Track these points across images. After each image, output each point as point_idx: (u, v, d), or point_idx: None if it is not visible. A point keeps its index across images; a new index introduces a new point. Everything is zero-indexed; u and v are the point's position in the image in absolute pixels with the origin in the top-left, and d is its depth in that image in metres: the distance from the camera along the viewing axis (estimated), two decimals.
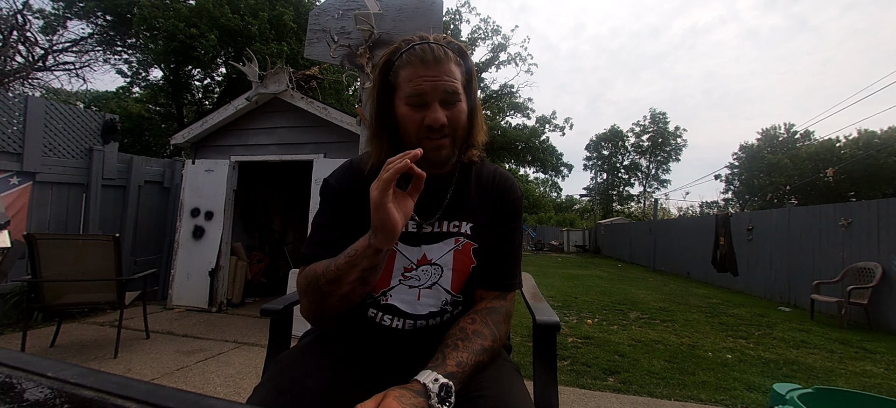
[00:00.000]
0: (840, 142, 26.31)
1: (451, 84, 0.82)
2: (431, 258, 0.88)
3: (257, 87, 4.46)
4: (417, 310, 0.87)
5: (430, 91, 0.80)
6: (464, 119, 0.85)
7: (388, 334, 0.87)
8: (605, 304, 5.95)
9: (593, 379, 2.85)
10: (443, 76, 0.81)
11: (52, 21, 12.60)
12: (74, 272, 3.03)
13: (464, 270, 0.89)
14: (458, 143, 0.88)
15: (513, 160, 23.67)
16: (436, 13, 3.57)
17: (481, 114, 0.93)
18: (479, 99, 0.95)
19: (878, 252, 5.34)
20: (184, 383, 2.57)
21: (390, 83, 0.85)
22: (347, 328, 0.92)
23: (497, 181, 0.95)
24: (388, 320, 0.87)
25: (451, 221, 0.90)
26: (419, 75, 0.81)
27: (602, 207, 37.95)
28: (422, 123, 0.81)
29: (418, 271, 0.88)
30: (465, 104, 0.85)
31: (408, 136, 0.84)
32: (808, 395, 1.81)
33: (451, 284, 0.88)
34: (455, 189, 0.92)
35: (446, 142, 0.84)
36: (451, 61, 0.83)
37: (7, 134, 3.91)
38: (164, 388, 0.31)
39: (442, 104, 0.82)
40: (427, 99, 0.81)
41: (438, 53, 0.82)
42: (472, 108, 0.88)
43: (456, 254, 0.88)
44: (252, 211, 6.05)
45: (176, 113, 14.62)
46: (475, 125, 0.90)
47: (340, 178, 0.93)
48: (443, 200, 0.90)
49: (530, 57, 25.35)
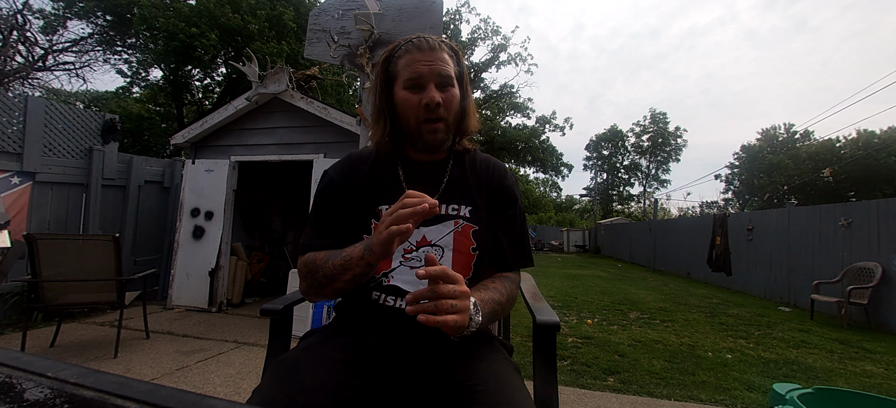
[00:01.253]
0: (840, 142, 26.30)
1: (444, 68, 0.90)
2: (431, 239, 0.92)
3: (257, 87, 4.46)
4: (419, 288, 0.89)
5: (426, 74, 0.89)
6: (456, 104, 0.93)
7: (391, 315, 0.89)
8: (605, 304, 5.95)
9: (593, 379, 2.85)
10: (438, 61, 0.90)
11: (52, 21, 12.58)
12: (74, 272, 3.03)
13: (465, 252, 0.92)
14: (452, 128, 0.94)
15: (513, 160, 23.65)
16: (436, 13, 3.57)
17: (473, 105, 1.01)
18: (472, 96, 1.02)
19: (878, 252, 5.34)
20: (184, 383, 2.57)
21: (390, 74, 0.94)
22: (348, 326, 0.94)
23: (490, 169, 1.01)
24: (392, 301, 0.89)
25: (450, 204, 0.94)
26: (416, 60, 0.89)
27: (602, 207, 37.94)
28: (420, 104, 0.89)
29: (419, 252, 0.91)
30: (457, 91, 0.93)
31: (406, 119, 0.92)
32: (808, 395, 1.81)
33: (452, 264, 0.91)
34: (451, 174, 0.97)
35: (441, 126, 0.91)
36: (445, 51, 0.92)
37: (7, 134, 3.91)
38: (164, 388, 0.31)
39: (437, 87, 0.89)
40: (424, 81, 0.89)
41: (433, 43, 0.91)
42: (464, 98, 0.95)
43: (456, 235, 0.92)
44: (252, 211, 6.05)
45: (176, 113, 14.61)
46: (467, 113, 0.97)
47: (340, 171, 0.99)
48: (440, 184, 0.95)
49: (530, 57, 25.34)
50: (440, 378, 0.80)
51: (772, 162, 27.58)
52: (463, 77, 0.96)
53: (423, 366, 0.83)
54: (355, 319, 0.94)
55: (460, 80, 0.95)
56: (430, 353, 0.85)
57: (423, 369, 0.82)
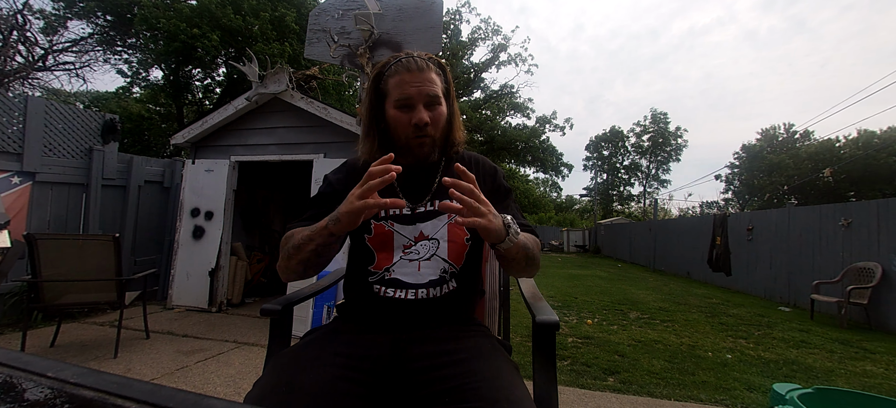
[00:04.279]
0: (840, 142, 26.28)
1: (432, 89, 0.97)
2: (428, 234, 0.97)
3: (257, 87, 4.46)
4: (419, 279, 0.94)
5: (415, 95, 0.95)
6: (443, 120, 1.00)
7: (393, 306, 0.91)
8: (605, 304, 5.95)
9: (593, 379, 2.85)
10: (426, 82, 0.96)
11: (53, 21, 12.58)
12: (74, 272, 3.03)
13: (459, 242, 0.98)
14: (439, 141, 1.02)
15: (513, 160, 23.66)
16: (436, 13, 3.57)
17: (459, 117, 1.08)
18: (457, 106, 1.09)
19: (878, 252, 5.34)
20: (184, 383, 2.57)
21: (381, 91, 1.00)
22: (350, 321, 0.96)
23: (480, 167, 1.08)
24: (392, 293, 0.92)
25: (443, 200, 0.95)
26: (406, 82, 0.96)
27: (602, 207, 37.93)
28: (410, 123, 0.96)
29: (417, 246, 0.96)
30: (444, 108, 1.00)
31: (397, 135, 0.99)
32: (808, 395, 1.81)
33: (447, 254, 0.97)
34: (442, 175, 1.02)
35: (428, 141, 0.98)
36: (432, 71, 0.98)
37: (7, 134, 3.91)
38: (164, 388, 0.31)
39: (426, 106, 0.96)
40: (413, 102, 0.96)
41: (421, 63, 0.97)
42: (450, 112, 1.03)
43: (450, 227, 0.98)
44: (252, 211, 6.05)
45: (176, 113, 14.61)
46: (453, 126, 1.05)
47: (339, 176, 1.07)
48: (432, 185, 1.02)
49: (531, 57, 25.34)
50: (439, 375, 0.80)
51: (772, 162, 27.56)
52: (449, 91, 1.03)
53: (422, 361, 0.83)
54: (357, 313, 0.97)
55: (447, 95, 1.02)
56: (430, 348, 0.85)
57: (422, 365, 0.83)
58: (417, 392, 0.80)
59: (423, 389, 0.79)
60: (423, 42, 3.48)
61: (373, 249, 0.96)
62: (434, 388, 0.78)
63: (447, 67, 1.04)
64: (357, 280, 0.98)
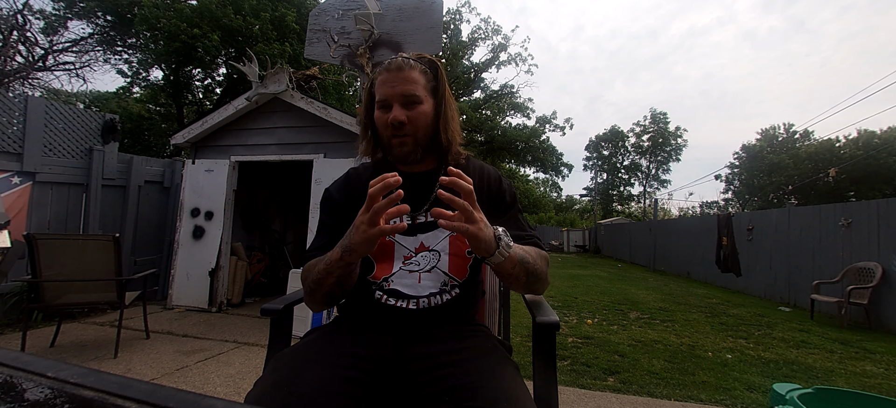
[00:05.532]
0: (840, 142, 26.27)
1: (408, 88, 0.95)
2: (429, 245, 0.95)
3: (257, 87, 4.46)
4: (419, 291, 0.93)
5: (390, 95, 0.95)
6: (425, 120, 0.97)
7: (394, 314, 0.91)
8: (605, 304, 5.95)
9: (593, 379, 2.85)
10: (402, 82, 0.95)
11: (53, 21, 12.58)
12: (74, 272, 3.03)
13: (460, 255, 0.96)
14: (422, 141, 0.98)
15: (513, 160, 23.67)
16: (436, 13, 3.57)
17: (454, 117, 1.04)
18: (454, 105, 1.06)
19: (878, 252, 5.34)
20: (184, 383, 2.57)
21: (372, 95, 1.01)
22: (349, 323, 0.96)
23: (484, 177, 1.05)
24: (393, 301, 0.92)
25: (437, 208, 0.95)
26: (385, 82, 0.96)
27: (602, 207, 37.92)
28: (387, 122, 0.95)
29: (418, 258, 0.95)
30: (427, 107, 0.97)
31: (380, 135, 1.00)
32: (808, 395, 1.81)
33: (448, 267, 0.95)
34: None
35: (408, 140, 0.96)
36: (415, 70, 0.96)
37: (7, 134, 3.91)
38: (164, 388, 0.31)
39: (403, 105, 0.95)
40: (390, 102, 0.95)
41: (401, 63, 0.96)
42: (439, 111, 0.99)
43: (452, 240, 0.96)
44: (252, 211, 6.05)
45: (176, 113, 14.60)
46: (441, 126, 1.00)
47: (340, 188, 1.06)
48: (430, 194, 0.99)
49: (531, 57, 25.36)
50: (440, 375, 0.80)
51: (772, 162, 27.56)
52: (439, 90, 1.00)
53: (422, 361, 0.83)
54: (357, 316, 0.96)
55: (435, 93, 0.99)
56: (430, 348, 0.85)
57: (423, 365, 0.82)
58: (418, 392, 0.80)
59: (424, 389, 0.79)
60: (423, 42, 3.48)
61: (372, 259, 0.96)
62: (434, 388, 0.78)
63: (440, 65, 1.02)
64: (357, 286, 0.97)
